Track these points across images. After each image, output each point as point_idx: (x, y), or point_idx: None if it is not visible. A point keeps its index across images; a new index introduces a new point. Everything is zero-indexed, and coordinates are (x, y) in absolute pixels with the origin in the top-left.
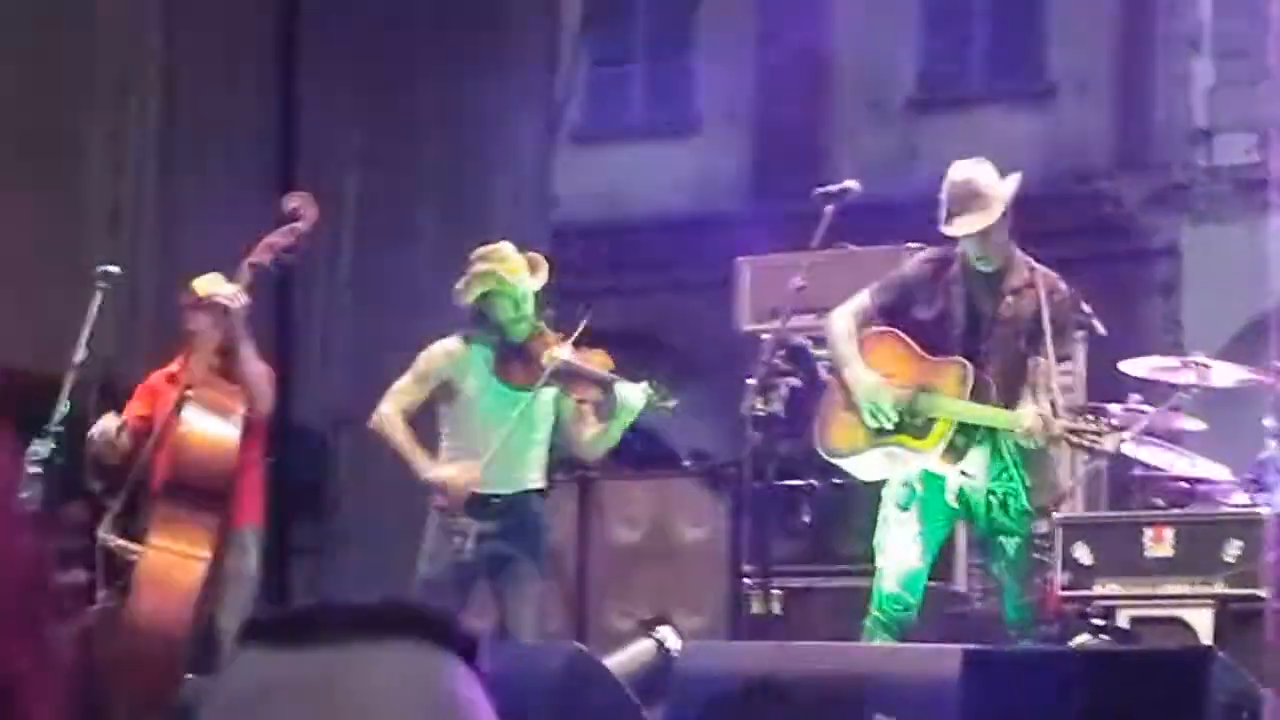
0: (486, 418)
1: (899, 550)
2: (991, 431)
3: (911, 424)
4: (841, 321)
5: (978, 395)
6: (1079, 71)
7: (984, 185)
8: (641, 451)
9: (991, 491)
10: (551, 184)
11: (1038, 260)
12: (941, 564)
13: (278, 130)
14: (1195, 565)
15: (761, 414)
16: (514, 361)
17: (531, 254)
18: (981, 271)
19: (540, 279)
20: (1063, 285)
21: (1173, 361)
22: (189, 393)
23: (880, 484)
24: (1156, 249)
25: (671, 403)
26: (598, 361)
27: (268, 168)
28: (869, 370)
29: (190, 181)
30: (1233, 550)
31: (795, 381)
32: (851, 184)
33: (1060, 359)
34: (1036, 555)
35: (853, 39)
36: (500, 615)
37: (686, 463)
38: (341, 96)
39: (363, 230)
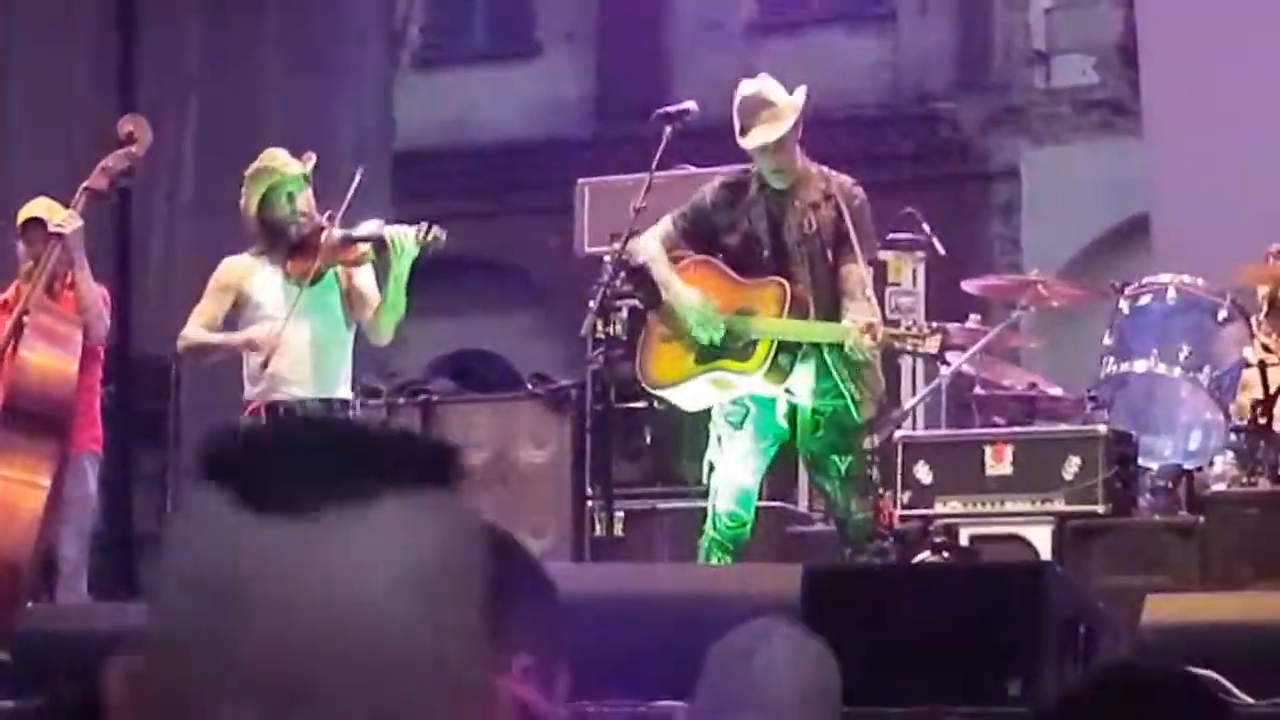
0: (278, 318)
1: (732, 468)
2: (815, 347)
3: (734, 348)
4: (652, 243)
5: (796, 313)
6: None
7: (773, 96)
8: (483, 375)
9: (818, 410)
10: (393, 109)
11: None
12: (782, 483)
13: (117, 54)
14: (1035, 483)
15: (602, 336)
16: (298, 259)
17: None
18: (778, 189)
19: (306, 167)
20: (859, 191)
21: (1011, 280)
22: (25, 319)
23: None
24: (995, 170)
25: (442, 235)
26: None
27: (106, 90)
28: (689, 290)
29: (24, 102)
30: (1071, 468)
31: (635, 303)
32: (690, 105)
33: (871, 264)
34: (870, 471)
35: None
36: None
37: (528, 386)
38: (181, 19)
39: (203, 157)
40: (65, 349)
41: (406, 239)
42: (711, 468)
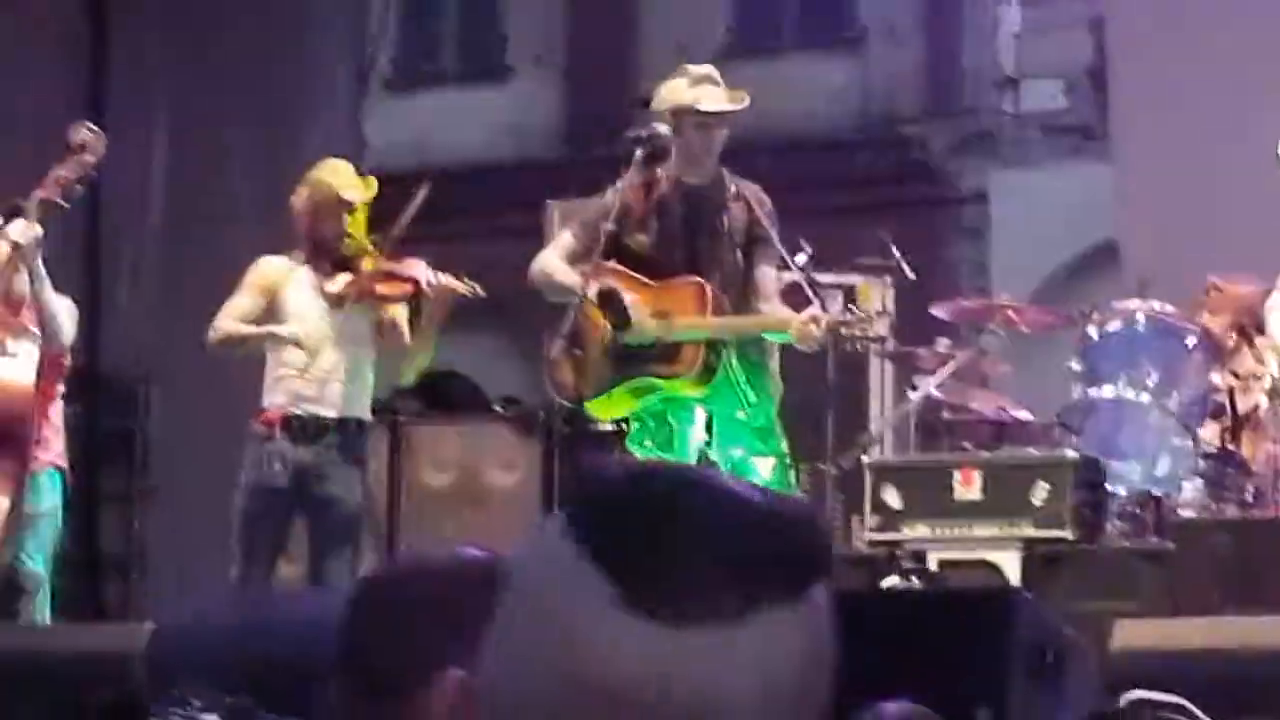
0: (311, 334)
1: None
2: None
3: (654, 352)
4: (553, 258)
5: (716, 312)
6: (888, 17)
7: (721, 80)
8: (452, 396)
9: (729, 415)
10: (363, 131)
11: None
12: None
13: (86, 72)
14: (1003, 508)
15: (571, 359)
16: (337, 277)
17: (366, 178)
18: (694, 188)
19: (363, 193)
20: (765, 197)
21: (980, 304)
22: None
23: None
24: (964, 195)
25: (479, 290)
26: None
27: (75, 107)
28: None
29: None
30: (1040, 493)
31: (606, 325)
32: (660, 127)
33: (781, 263)
34: (790, 477)
35: None
36: (313, 557)
37: (497, 408)
38: (151, 38)
39: (172, 177)
40: (21, 362)
41: (444, 287)
42: None
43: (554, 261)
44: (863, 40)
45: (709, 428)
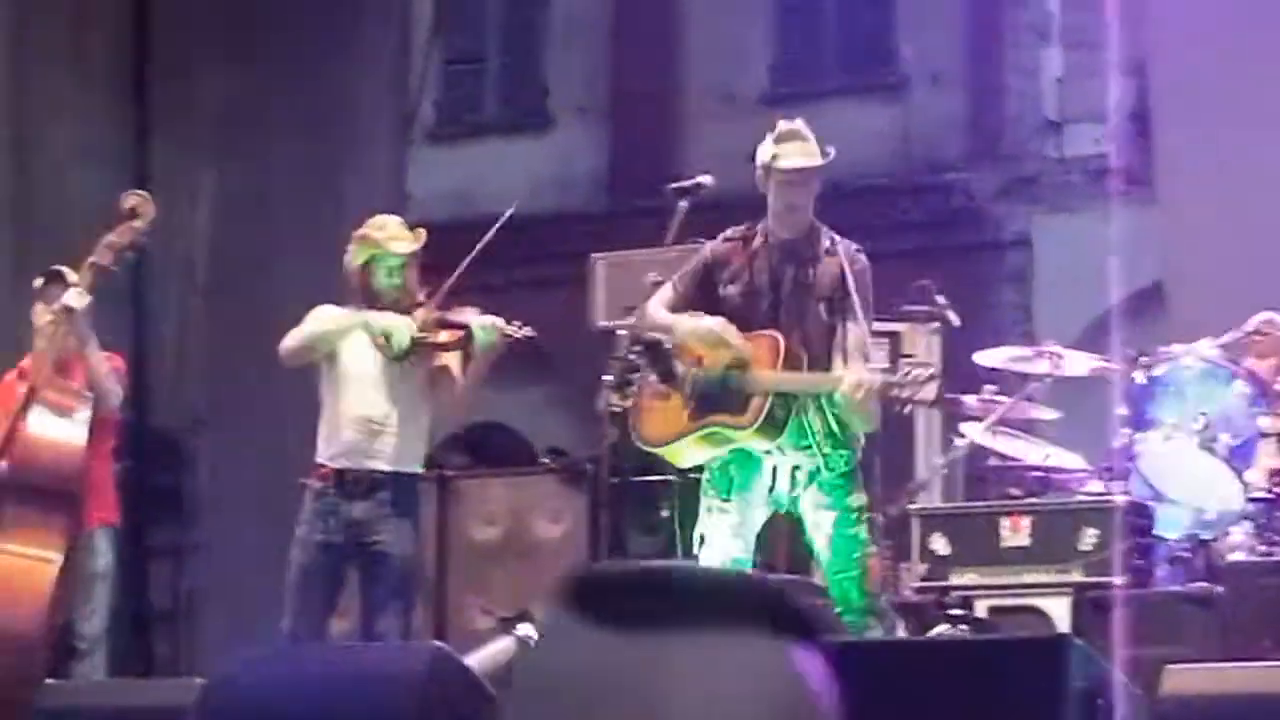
0: (363, 385)
1: (721, 542)
2: (811, 404)
3: (727, 402)
4: (654, 307)
5: (789, 366)
6: (930, 63)
7: (808, 133)
8: (499, 449)
9: (799, 467)
10: (405, 182)
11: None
12: (798, 557)
13: (133, 130)
14: (1051, 554)
15: (618, 410)
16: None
17: (415, 229)
18: (785, 241)
19: (412, 245)
20: (862, 256)
21: (1026, 351)
22: (34, 393)
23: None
24: (1008, 240)
25: (532, 333)
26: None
27: (124, 165)
28: (695, 318)
29: (43, 171)
30: (1088, 538)
31: (651, 376)
32: (704, 179)
33: (870, 328)
34: (858, 530)
35: (705, 33)
36: (365, 612)
37: (544, 460)
38: (195, 98)
39: (217, 231)
40: (74, 423)
41: (493, 332)
42: (703, 540)
43: (658, 307)
44: (905, 85)
45: (776, 478)
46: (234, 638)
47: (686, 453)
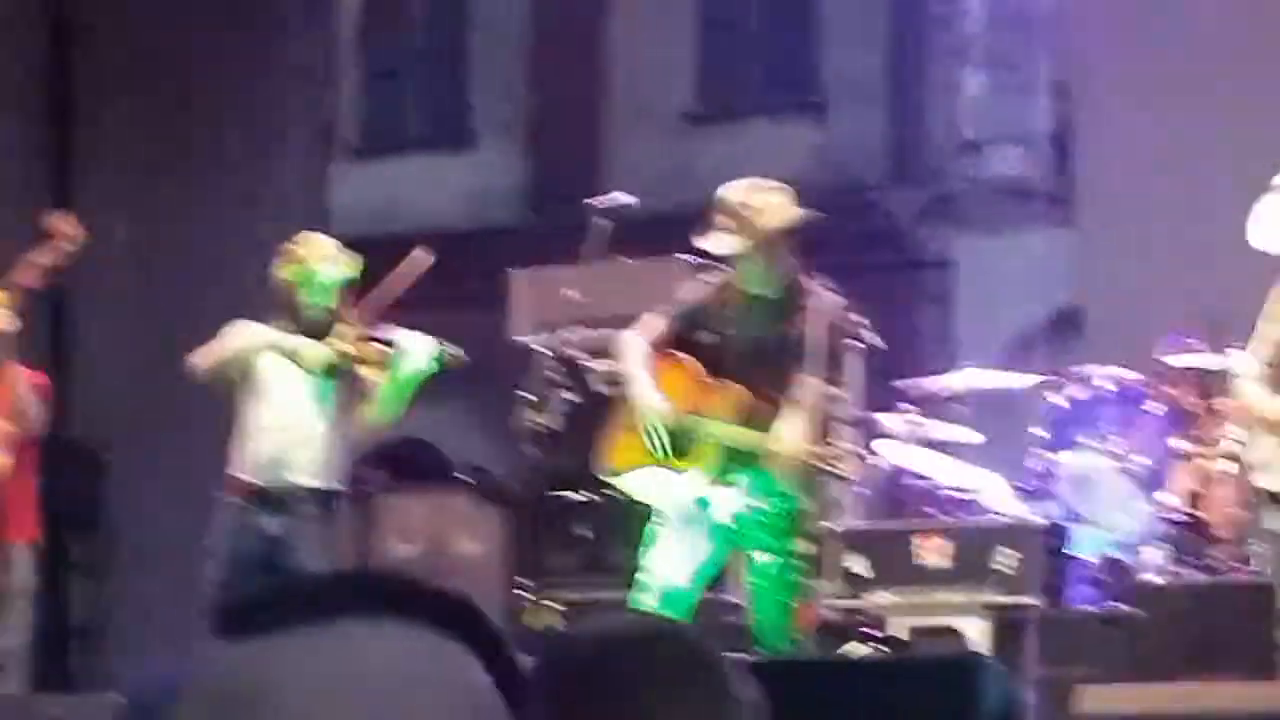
0: (283, 400)
1: (663, 567)
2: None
3: (682, 446)
4: (632, 342)
5: (751, 418)
6: (851, 83)
7: (743, 207)
8: (418, 466)
9: (753, 508)
10: (325, 197)
11: (824, 286)
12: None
13: (52, 144)
14: (968, 574)
15: (536, 427)
16: (314, 345)
17: (348, 250)
18: (759, 295)
19: (345, 270)
20: (842, 314)
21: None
22: None
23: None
24: (929, 260)
25: (462, 355)
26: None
27: (40, 179)
28: (652, 390)
29: None
30: (1005, 559)
31: (570, 395)
32: (623, 196)
33: (834, 385)
34: (790, 576)
35: (627, 51)
36: None
37: (463, 477)
38: (115, 112)
39: (134, 242)
40: None
41: (421, 349)
42: (645, 565)
43: (631, 345)
44: (826, 104)
45: (723, 516)
46: (153, 653)
47: (639, 486)
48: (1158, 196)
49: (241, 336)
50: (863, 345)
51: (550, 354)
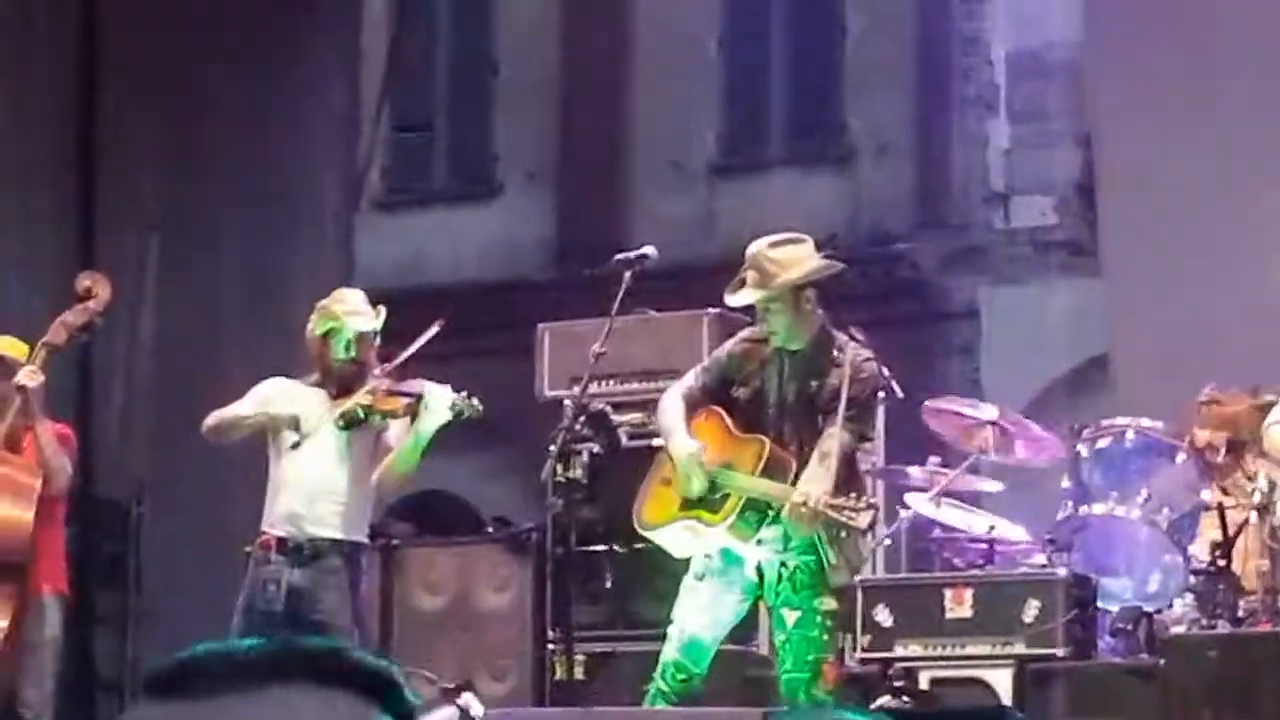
0: (309, 452)
1: (685, 618)
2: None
3: (711, 499)
4: (670, 399)
5: (776, 471)
6: (877, 135)
7: (767, 260)
8: (444, 518)
9: (784, 563)
10: (352, 250)
11: (852, 336)
12: (744, 626)
13: (77, 201)
14: (994, 626)
15: (562, 480)
16: (343, 399)
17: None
18: (790, 350)
19: (372, 323)
20: (870, 366)
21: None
22: None
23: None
24: (955, 311)
25: (480, 406)
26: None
27: (67, 232)
28: (689, 439)
29: None
30: (1031, 610)
31: (595, 447)
32: (649, 250)
33: (861, 438)
34: (818, 633)
35: (653, 101)
36: None
37: (489, 529)
38: (141, 162)
39: (163, 299)
40: (22, 498)
41: (441, 401)
42: (675, 617)
43: (669, 401)
44: (852, 156)
45: (751, 571)
46: None
47: (671, 541)
48: (1184, 245)
49: (246, 404)
50: (890, 396)
51: (577, 407)
